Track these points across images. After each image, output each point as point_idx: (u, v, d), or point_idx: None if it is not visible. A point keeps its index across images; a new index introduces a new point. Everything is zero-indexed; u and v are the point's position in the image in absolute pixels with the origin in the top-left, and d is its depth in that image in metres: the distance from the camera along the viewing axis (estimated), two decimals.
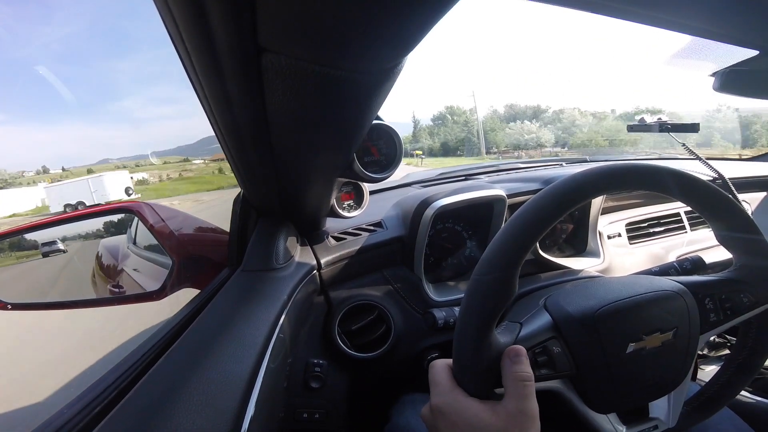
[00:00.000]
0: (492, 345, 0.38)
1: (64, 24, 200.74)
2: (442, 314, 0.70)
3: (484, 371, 0.38)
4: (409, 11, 0.21)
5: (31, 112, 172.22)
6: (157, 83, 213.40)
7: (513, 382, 0.36)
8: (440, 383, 0.40)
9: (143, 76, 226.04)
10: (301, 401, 0.67)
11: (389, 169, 0.58)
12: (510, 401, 0.36)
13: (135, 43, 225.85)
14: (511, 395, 0.36)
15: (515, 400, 0.35)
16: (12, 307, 0.72)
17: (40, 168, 58.38)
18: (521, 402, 0.35)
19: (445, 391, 0.39)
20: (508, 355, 0.37)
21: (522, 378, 0.36)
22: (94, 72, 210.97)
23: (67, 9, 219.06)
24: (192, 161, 50.26)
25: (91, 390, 0.38)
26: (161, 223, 0.70)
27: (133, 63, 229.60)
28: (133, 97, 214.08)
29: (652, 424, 0.45)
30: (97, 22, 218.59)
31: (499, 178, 1.07)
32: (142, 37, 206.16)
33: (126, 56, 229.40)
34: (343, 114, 0.34)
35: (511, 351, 0.38)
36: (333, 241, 0.76)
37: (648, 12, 0.37)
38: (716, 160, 1.10)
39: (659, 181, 0.42)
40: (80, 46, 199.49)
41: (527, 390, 0.36)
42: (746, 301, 0.45)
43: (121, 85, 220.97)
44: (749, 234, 0.44)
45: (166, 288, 0.69)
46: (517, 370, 0.36)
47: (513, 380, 0.36)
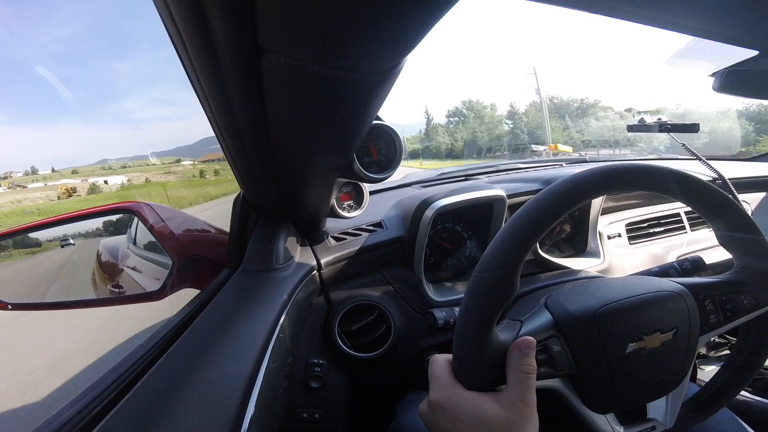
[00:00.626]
0: (492, 342, 0.38)
1: (63, 24, 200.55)
2: (442, 314, 0.70)
3: (485, 368, 0.38)
4: (408, 11, 0.21)
5: (30, 113, 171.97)
6: (156, 84, 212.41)
7: (518, 374, 0.36)
8: (440, 378, 0.40)
9: (143, 76, 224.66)
10: (301, 401, 0.67)
11: (389, 169, 0.58)
12: (513, 391, 0.36)
13: (135, 43, 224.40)
14: (515, 386, 0.36)
15: (518, 390, 0.36)
16: (12, 307, 0.72)
17: (29, 169, 57.66)
18: (524, 393, 0.36)
19: (445, 386, 0.39)
20: (518, 346, 0.37)
21: (527, 371, 0.36)
22: (94, 72, 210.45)
23: (66, 9, 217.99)
24: (181, 162, 48.72)
25: (91, 390, 0.38)
26: (161, 224, 0.70)
27: (132, 64, 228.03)
28: (133, 98, 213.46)
29: (650, 424, 0.45)
30: (97, 23, 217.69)
31: (498, 178, 1.07)
32: (142, 37, 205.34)
33: (126, 57, 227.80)
34: (342, 114, 0.34)
35: (522, 342, 0.38)
36: (333, 241, 0.76)
37: (648, 12, 0.37)
38: (716, 161, 1.10)
39: (659, 182, 0.42)
40: (80, 47, 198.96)
41: (530, 382, 0.36)
42: (746, 302, 0.45)
43: (121, 86, 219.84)
44: (750, 234, 0.44)
45: (166, 288, 0.68)
46: (524, 362, 0.37)
47: (518, 372, 0.36)
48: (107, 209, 0.74)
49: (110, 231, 0.88)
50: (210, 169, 41.17)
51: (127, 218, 0.84)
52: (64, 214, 0.72)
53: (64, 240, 0.99)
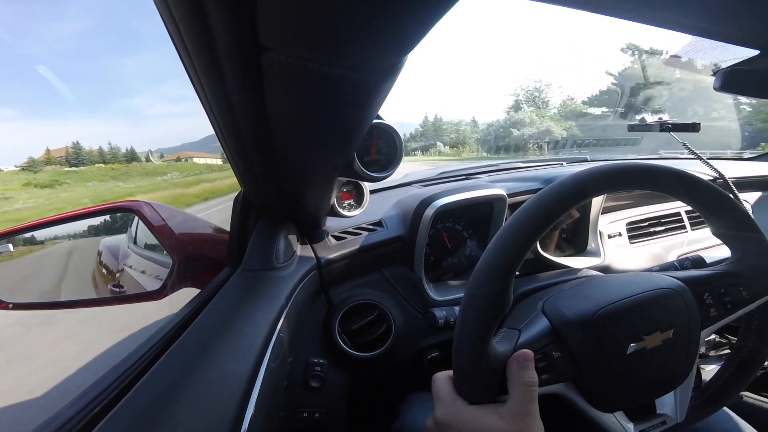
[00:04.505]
0: (491, 355, 0.38)
1: (74, 21, 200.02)
2: (442, 313, 0.70)
3: (485, 381, 0.38)
4: (409, 9, 0.21)
5: (43, 109, 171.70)
6: (166, 80, 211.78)
7: (519, 387, 0.36)
8: (443, 395, 0.40)
9: (151, 73, 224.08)
10: (302, 400, 0.67)
11: (389, 168, 0.58)
12: (515, 404, 0.36)
13: (144, 40, 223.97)
14: (517, 399, 0.36)
15: (520, 403, 0.36)
16: (13, 306, 0.72)
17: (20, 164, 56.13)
18: (526, 405, 0.36)
19: (448, 402, 0.39)
20: (516, 359, 0.38)
21: (528, 383, 0.36)
22: (104, 69, 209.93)
23: (76, 6, 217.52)
24: (150, 160, 44.88)
25: (92, 389, 0.38)
26: (162, 223, 0.70)
27: (141, 60, 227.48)
28: (142, 95, 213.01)
29: (660, 420, 0.45)
30: (107, 20, 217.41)
31: (499, 177, 1.07)
32: (151, 33, 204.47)
33: (134, 53, 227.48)
34: (343, 113, 0.34)
35: (519, 356, 0.38)
36: (333, 240, 0.76)
37: (649, 11, 0.37)
38: (717, 160, 1.10)
39: (659, 181, 0.42)
40: (90, 43, 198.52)
41: (532, 394, 0.36)
42: (745, 294, 0.45)
43: (130, 82, 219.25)
44: (745, 228, 0.44)
45: (167, 287, 0.68)
46: (525, 375, 0.37)
47: (520, 385, 0.36)
48: (107, 208, 0.74)
49: (111, 230, 0.88)
50: (172, 169, 39.30)
51: (128, 217, 0.84)
52: (65, 213, 0.72)
53: (63, 239, 0.99)
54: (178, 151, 54.11)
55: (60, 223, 0.72)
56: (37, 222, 0.71)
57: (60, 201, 17.99)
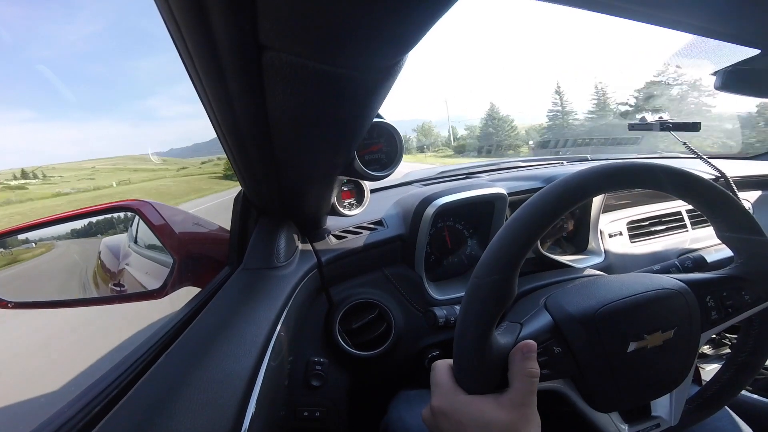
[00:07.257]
0: (492, 346, 0.38)
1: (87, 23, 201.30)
2: (442, 312, 0.70)
3: (485, 372, 0.38)
4: (409, 9, 0.21)
5: (58, 111, 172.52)
6: (180, 81, 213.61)
7: (521, 377, 0.37)
8: (441, 384, 0.40)
9: (165, 74, 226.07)
10: (302, 399, 0.67)
11: (390, 167, 0.57)
12: (515, 394, 0.36)
13: (156, 41, 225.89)
14: (518, 389, 0.36)
15: (521, 393, 0.36)
16: (13, 305, 0.72)
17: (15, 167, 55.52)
18: (526, 395, 0.36)
19: (447, 391, 0.39)
20: (520, 349, 0.38)
21: (531, 374, 0.37)
22: (119, 71, 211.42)
23: (88, 8, 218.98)
24: None
25: (92, 389, 0.38)
26: (162, 222, 0.70)
27: (155, 61, 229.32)
28: (157, 96, 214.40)
29: (654, 422, 0.45)
30: (119, 21, 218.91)
31: (499, 176, 1.07)
32: (161, 35, 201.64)
33: (147, 55, 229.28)
34: (343, 112, 0.34)
35: (523, 346, 0.38)
36: (334, 239, 0.76)
37: (650, 11, 0.37)
38: (718, 159, 1.09)
39: (660, 180, 0.42)
40: (102, 45, 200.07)
41: (533, 386, 0.36)
42: (747, 298, 0.45)
43: (144, 84, 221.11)
44: (750, 232, 0.44)
45: (167, 287, 0.68)
46: (527, 366, 0.37)
47: (522, 375, 0.37)
48: (108, 207, 0.74)
49: (111, 229, 0.88)
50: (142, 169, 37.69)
51: (128, 217, 0.84)
52: (65, 213, 0.72)
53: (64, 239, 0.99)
54: (190, 152, 53.68)
55: (61, 223, 0.72)
56: (37, 221, 0.71)
57: None
